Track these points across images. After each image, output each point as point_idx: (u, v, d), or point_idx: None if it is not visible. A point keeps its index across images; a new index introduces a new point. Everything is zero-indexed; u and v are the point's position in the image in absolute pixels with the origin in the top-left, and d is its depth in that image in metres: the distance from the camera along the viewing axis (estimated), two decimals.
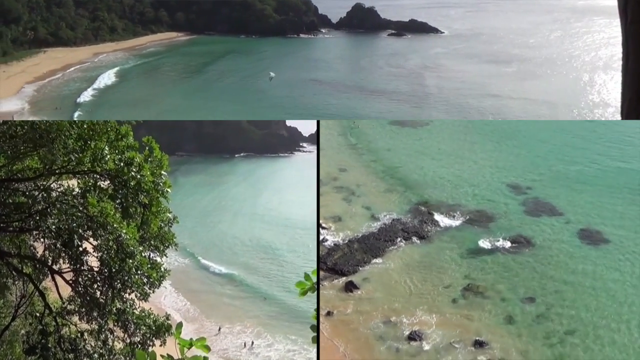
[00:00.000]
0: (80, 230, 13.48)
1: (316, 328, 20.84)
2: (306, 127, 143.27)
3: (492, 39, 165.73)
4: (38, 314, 13.73)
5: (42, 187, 13.48)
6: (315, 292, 5.73)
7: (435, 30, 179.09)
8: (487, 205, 42.29)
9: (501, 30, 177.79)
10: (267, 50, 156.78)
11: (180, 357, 5.05)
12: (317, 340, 6.63)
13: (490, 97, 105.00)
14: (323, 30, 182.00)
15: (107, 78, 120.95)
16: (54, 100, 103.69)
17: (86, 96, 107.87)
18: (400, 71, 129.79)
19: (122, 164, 13.69)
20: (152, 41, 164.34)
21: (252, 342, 52.10)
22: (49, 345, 13.20)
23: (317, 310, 6.64)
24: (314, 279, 5.70)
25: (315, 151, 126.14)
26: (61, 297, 13.99)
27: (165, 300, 56.88)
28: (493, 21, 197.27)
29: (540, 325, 29.73)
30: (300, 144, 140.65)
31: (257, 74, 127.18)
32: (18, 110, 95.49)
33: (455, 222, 39.93)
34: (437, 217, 40.40)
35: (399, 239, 37.53)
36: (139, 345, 14.29)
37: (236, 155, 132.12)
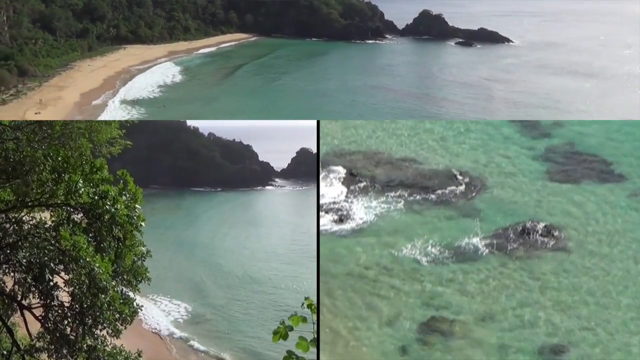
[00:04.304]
0: (51, 264, 13.15)
1: None
2: (279, 162, 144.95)
3: (568, 50, 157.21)
4: (5, 352, 13.46)
5: (13, 220, 13.24)
6: None
7: (506, 40, 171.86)
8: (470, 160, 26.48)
9: (578, 41, 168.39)
10: (331, 53, 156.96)
11: None
12: None
13: (564, 113, 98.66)
14: (388, 36, 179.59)
15: (172, 76, 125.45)
16: (135, 95, 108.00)
17: (156, 92, 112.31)
18: (467, 80, 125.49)
19: (96, 197, 13.27)
20: (221, 42, 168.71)
21: None
22: None
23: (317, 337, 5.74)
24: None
25: (288, 186, 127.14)
26: (30, 334, 13.67)
27: None
28: (570, 32, 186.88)
29: None
30: (273, 179, 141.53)
31: (320, 77, 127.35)
32: (103, 104, 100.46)
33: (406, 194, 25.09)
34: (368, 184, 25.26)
35: None
36: None
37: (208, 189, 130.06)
